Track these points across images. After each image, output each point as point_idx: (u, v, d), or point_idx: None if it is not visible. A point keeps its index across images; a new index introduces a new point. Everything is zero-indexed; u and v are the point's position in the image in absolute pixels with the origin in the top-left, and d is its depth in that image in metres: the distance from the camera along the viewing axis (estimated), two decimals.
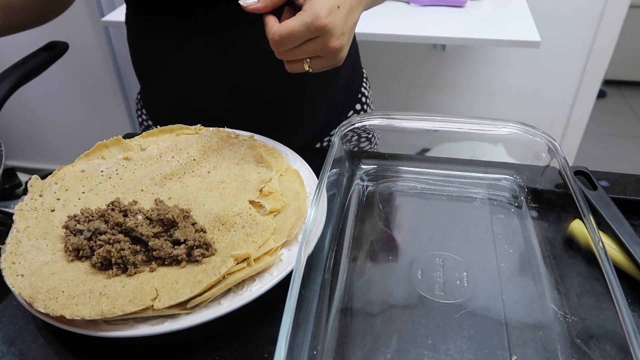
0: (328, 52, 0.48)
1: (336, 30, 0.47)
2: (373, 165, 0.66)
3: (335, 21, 0.47)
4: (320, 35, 0.47)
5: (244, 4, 0.49)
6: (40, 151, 2.25)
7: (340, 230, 0.55)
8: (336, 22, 0.47)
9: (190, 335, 0.43)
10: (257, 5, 0.48)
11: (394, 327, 0.44)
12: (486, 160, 0.63)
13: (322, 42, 0.47)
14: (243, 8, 0.49)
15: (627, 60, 2.65)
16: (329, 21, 0.46)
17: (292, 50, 0.48)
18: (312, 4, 0.46)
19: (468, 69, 1.70)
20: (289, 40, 0.47)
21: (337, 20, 0.47)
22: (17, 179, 0.65)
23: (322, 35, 0.47)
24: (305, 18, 0.46)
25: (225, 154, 0.60)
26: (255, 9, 0.49)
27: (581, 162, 1.29)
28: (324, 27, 0.46)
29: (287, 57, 0.49)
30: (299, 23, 0.46)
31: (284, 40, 0.47)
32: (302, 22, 0.46)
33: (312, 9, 0.46)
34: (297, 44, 0.47)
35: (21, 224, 0.50)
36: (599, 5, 1.51)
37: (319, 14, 0.45)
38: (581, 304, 0.45)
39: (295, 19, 0.46)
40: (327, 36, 0.47)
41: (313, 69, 0.50)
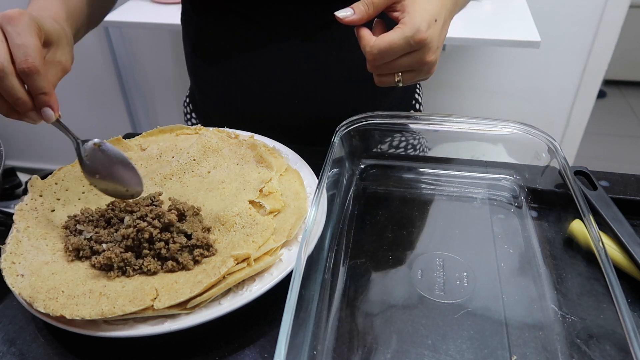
0: (423, 66, 0.48)
1: (433, 44, 0.47)
2: (373, 165, 0.65)
3: (433, 35, 0.46)
4: (418, 49, 0.46)
5: (340, 15, 0.48)
6: (40, 151, 2.25)
7: (340, 230, 0.55)
8: (434, 36, 0.46)
9: (190, 335, 0.43)
10: (353, 17, 0.48)
11: (394, 327, 0.44)
12: (486, 160, 0.63)
13: (419, 56, 0.47)
14: (339, 20, 0.48)
15: (627, 60, 2.65)
16: (429, 35, 0.45)
17: (388, 64, 0.47)
18: (412, 17, 0.45)
19: (468, 69, 1.70)
20: (388, 53, 0.46)
21: (434, 34, 0.46)
22: (17, 179, 0.65)
23: (420, 50, 0.46)
24: (406, 32, 0.45)
25: (225, 154, 0.60)
26: (351, 21, 0.48)
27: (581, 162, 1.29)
28: (423, 40, 0.45)
29: (381, 70, 0.49)
30: (400, 37, 0.45)
31: (382, 54, 0.46)
32: (403, 36, 0.45)
33: (412, 22, 0.45)
34: (394, 58, 0.47)
35: (21, 224, 0.50)
36: (599, 5, 1.51)
37: (420, 28, 0.45)
38: (581, 304, 0.45)
39: (395, 33, 0.45)
40: (424, 50, 0.46)
41: (403, 83, 0.50)
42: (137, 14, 1.41)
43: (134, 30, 1.79)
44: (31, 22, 0.43)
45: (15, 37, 0.42)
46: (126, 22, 1.37)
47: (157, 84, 1.95)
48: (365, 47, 0.47)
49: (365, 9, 0.48)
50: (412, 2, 0.47)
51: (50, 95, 0.44)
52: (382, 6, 0.48)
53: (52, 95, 0.45)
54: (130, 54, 1.85)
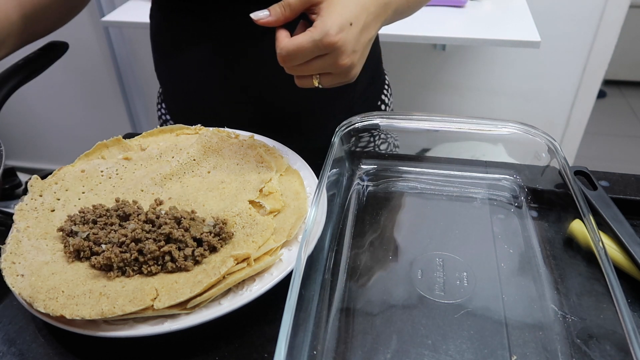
0: (338, 69, 0.47)
1: (347, 48, 0.46)
2: (373, 165, 0.65)
3: (346, 39, 0.45)
4: (329, 52, 0.46)
5: (255, 17, 0.48)
6: (40, 151, 2.25)
7: (340, 230, 0.55)
8: (347, 39, 0.46)
9: (190, 335, 0.43)
10: (268, 18, 0.48)
11: (394, 327, 0.44)
12: (486, 160, 0.63)
13: (332, 59, 0.46)
14: (254, 21, 0.48)
15: (627, 60, 2.65)
16: (339, 39, 0.45)
17: (301, 66, 0.47)
18: (323, 20, 0.45)
19: (468, 69, 1.70)
20: (297, 56, 0.46)
21: (348, 37, 0.46)
22: (17, 179, 0.65)
23: (331, 53, 0.46)
24: (314, 35, 0.45)
25: (225, 154, 0.60)
26: (266, 22, 0.48)
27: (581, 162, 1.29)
28: (332, 44, 0.45)
29: (295, 72, 0.48)
30: (307, 40, 0.45)
31: (291, 56, 0.46)
32: (311, 39, 0.45)
33: (322, 25, 0.45)
34: (306, 60, 0.46)
35: (21, 224, 0.50)
36: (599, 5, 1.51)
37: (329, 32, 0.44)
38: (581, 304, 0.45)
39: (304, 35, 0.45)
40: (336, 54, 0.46)
41: (323, 85, 0.50)
42: (137, 14, 1.41)
43: (134, 30, 1.79)
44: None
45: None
46: (126, 22, 1.37)
47: (157, 84, 1.94)
48: (277, 48, 0.47)
49: (281, 10, 0.47)
50: (327, 6, 0.46)
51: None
52: (300, 9, 0.47)
53: None
54: (130, 54, 1.85)
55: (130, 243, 0.45)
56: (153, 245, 0.45)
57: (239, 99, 0.71)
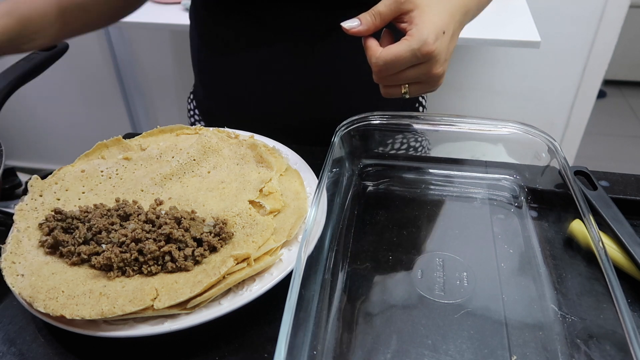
0: (430, 78, 0.47)
1: (441, 57, 0.46)
2: (373, 165, 0.65)
3: (440, 47, 0.45)
4: (425, 61, 0.45)
5: (346, 26, 0.47)
6: (40, 151, 2.25)
7: (340, 230, 0.55)
8: (442, 48, 0.45)
9: (190, 335, 0.43)
10: (359, 28, 0.47)
11: (394, 327, 0.44)
12: (486, 160, 0.63)
13: (426, 68, 0.46)
14: (345, 30, 0.47)
15: (627, 60, 2.65)
16: (436, 47, 0.44)
17: (394, 76, 0.47)
18: (419, 29, 0.44)
19: (468, 69, 1.70)
20: (394, 65, 0.45)
21: (442, 46, 0.45)
22: (17, 179, 0.65)
23: (426, 62, 0.45)
24: (413, 44, 0.44)
25: (225, 154, 0.60)
26: (357, 31, 0.47)
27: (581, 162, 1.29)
28: (430, 53, 0.44)
29: (387, 82, 0.48)
30: (406, 49, 0.44)
31: (388, 66, 0.45)
32: (409, 48, 0.44)
33: (419, 34, 0.44)
34: (400, 70, 0.46)
35: (21, 224, 0.50)
36: (599, 5, 1.51)
37: (427, 40, 0.44)
38: (581, 304, 0.45)
39: (402, 45, 0.44)
40: (432, 63, 0.45)
41: (410, 94, 0.49)
42: (137, 14, 1.40)
43: (134, 30, 1.79)
44: None
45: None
46: (126, 22, 1.37)
47: (157, 84, 1.95)
48: (371, 59, 0.46)
49: (372, 19, 0.47)
50: (420, 14, 0.45)
51: None
52: (389, 17, 0.47)
53: None
54: (130, 54, 1.85)
55: (130, 243, 0.45)
56: (153, 245, 0.45)
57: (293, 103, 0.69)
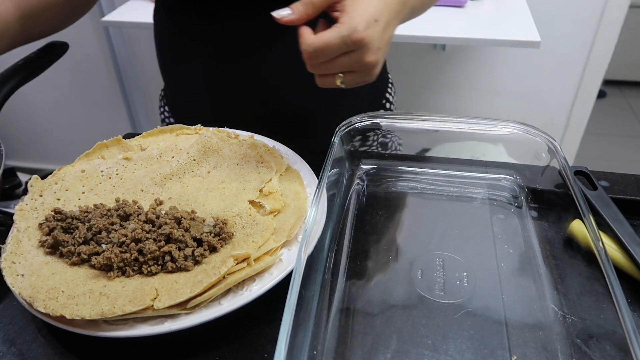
0: (363, 67, 0.47)
1: (373, 45, 0.45)
2: (373, 165, 0.66)
3: (372, 35, 0.45)
4: (356, 49, 0.45)
5: (277, 15, 0.47)
6: (40, 151, 2.25)
7: (340, 230, 0.55)
8: (373, 36, 0.45)
9: (190, 335, 0.43)
10: (291, 17, 0.47)
11: (394, 327, 0.44)
12: (486, 160, 0.63)
13: (358, 56, 0.46)
14: (276, 20, 0.47)
15: (627, 60, 2.65)
16: (366, 35, 0.44)
17: (326, 64, 0.46)
18: (350, 16, 0.44)
19: (468, 69, 1.70)
20: (324, 52, 0.45)
21: (374, 34, 0.45)
22: (17, 179, 0.65)
23: (358, 50, 0.45)
24: (342, 31, 0.44)
25: (225, 154, 0.60)
26: (289, 20, 0.47)
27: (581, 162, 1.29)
28: (360, 41, 0.44)
29: (319, 70, 0.48)
30: (335, 35, 0.44)
31: (318, 53, 0.45)
32: (339, 35, 0.44)
33: (349, 21, 0.44)
34: (332, 58, 0.46)
35: (21, 224, 0.50)
36: (599, 5, 1.51)
37: (357, 27, 0.44)
38: (581, 304, 0.45)
39: (332, 31, 0.44)
40: (363, 50, 0.45)
41: (346, 85, 0.49)
42: (137, 14, 1.41)
43: (134, 30, 1.79)
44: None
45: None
46: (126, 22, 1.37)
47: (157, 84, 1.94)
48: (302, 45, 0.46)
49: (304, 8, 0.47)
50: (352, 2, 0.46)
51: None
52: (322, 6, 0.47)
53: None
54: (130, 54, 1.85)
55: (130, 243, 0.45)
56: (153, 245, 0.45)
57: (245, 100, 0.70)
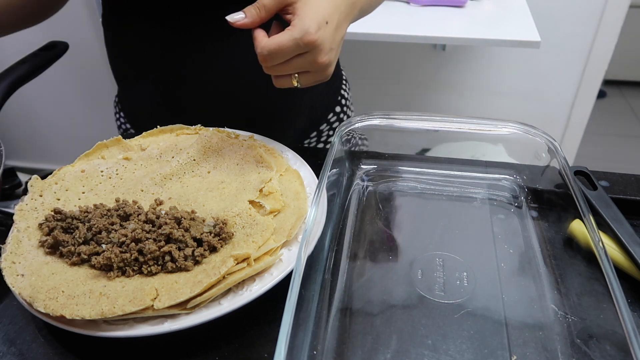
0: (317, 67, 0.48)
1: (325, 46, 0.47)
2: (373, 165, 0.66)
3: (324, 37, 0.47)
4: (309, 50, 0.46)
5: (231, 19, 0.48)
6: (40, 151, 2.25)
7: (340, 230, 0.55)
8: (325, 37, 0.47)
9: (190, 335, 0.43)
10: (244, 20, 0.48)
11: (394, 327, 0.44)
12: (486, 160, 0.63)
13: (311, 57, 0.47)
14: (230, 23, 0.48)
15: (627, 60, 2.65)
16: (318, 37, 0.46)
17: (281, 66, 0.48)
18: (301, 19, 0.46)
19: (468, 69, 1.70)
20: (278, 55, 0.46)
21: (325, 36, 0.47)
22: (17, 179, 0.65)
23: (311, 51, 0.47)
24: (295, 33, 0.45)
25: (225, 154, 0.60)
26: (242, 24, 0.48)
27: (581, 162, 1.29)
28: (313, 42, 0.46)
29: (275, 72, 0.49)
30: (288, 38, 0.45)
31: (272, 55, 0.46)
32: (291, 38, 0.45)
33: (301, 24, 0.45)
34: (286, 59, 0.47)
35: (21, 224, 0.50)
36: (599, 5, 1.51)
37: (308, 30, 0.45)
38: (581, 304, 0.45)
39: (284, 34, 0.46)
40: (316, 52, 0.47)
41: (301, 84, 0.50)
42: None
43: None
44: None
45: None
46: None
47: None
48: (256, 48, 0.47)
49: (256, 12, 0.48)
50: (303, 5, 0.47)
51: None
52: (274, 9, 0.48)
53: None
54: None
55: (130, 243, 0.45)
56: (153, 245, 0.45)
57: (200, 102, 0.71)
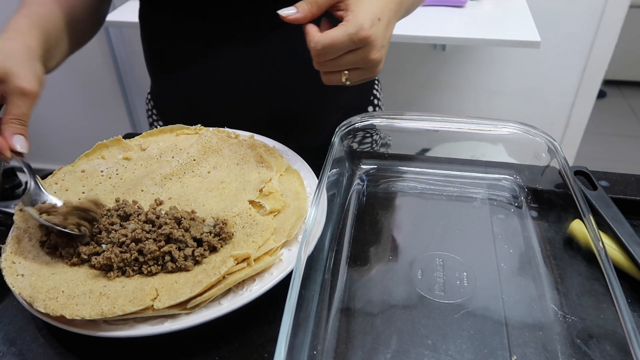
0: (368, 64, 0.48)
1: (377, 42, 0.47)
2: (373, 165, 0.66)
3: (377, 33, 0.47)
4: (362, 46, 0.47)
5: (283, 13, 0.48)
6: (40, 151, 2.25)
7: (340, 230, 0.55)
8: (378, 34, 0.47)
9: (190, 335, 0.43)
10: (296, 15, 0.48)
11: (394, 327, 0.44)
12: (486, 160, 0.63)
13: (364, 54, 0.47)
14: (282, 18, 0.48)
15: (627, 60, 2.65)
16: (372, 33, 0.46)
17: (332, 61, 0.48)
18: (355, 15, 0.46)
19: (468, 69, 1.70)
20: (331, 50, 0.46)
21: (378, 32, 0.47)
22: (17, 179, 0.65)
23: (363, 47, 0.47)
24: (349, 29, 0.45)
25: (225, 154, 0.60)
26: (294, 19, 0.48)
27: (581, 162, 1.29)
28: (366, 38, 0.46)
29: (326, 67, 0.49)
30: (342, 33, 0.45)
31: (326, 50, 0.46)
32: (346, 33, 0.45)
33: (355, 20, 0.46)
34: (338, 55, 0.47)
35: (21, 224, 0.50)
36: (599, 5, 1.51)
37: (363, 25, 0.45)
38: (581, 304, 0.45)
39: (338, 29, 0.46)
40: (368, 48, 0.47)
41: (350, 81, 0.50)
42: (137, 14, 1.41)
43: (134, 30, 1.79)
44: None
45: None
46: (126, 22, 1.37)
47: None
48: (309, 43, 0.47)
49: (308, 7, 0.48)
50: (355, 2, 0.47)
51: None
52: (326, 5, 0.48)
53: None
54: (130, 54, 1.85)
55: (130, 243, 0.45)
56: (153, 245, 0.45)
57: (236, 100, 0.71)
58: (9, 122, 0.47)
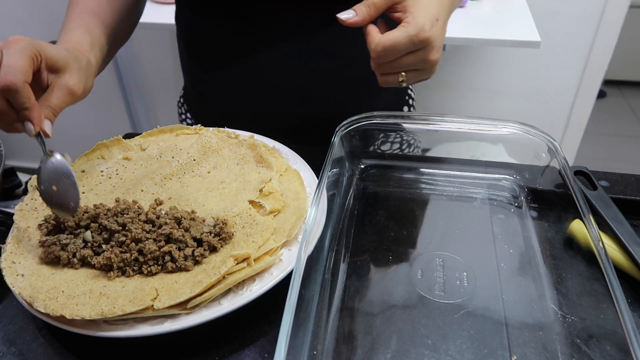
0: (427, 65, 0.49)
1: (437, 43, 0.48)
2: (373, 165, 0.65)
3: (436, 34, 0.47)
4: (422, 48, 0.47)
5: (342, 17, 0.49)
6: (40, 151, 2.25)
7: (340, 230, 0.55)
8: (437, 35, 0.47)
9: (190, 335, 0.43)
10: (355, 18, 0.48)
11: (394, 327, 0.44)
12: (486, 160, 0.63)
13: (423, 55, 0.47)
14: (341, 22, 0.49)
15: (627, 60, 2.65)
16: (432, 34, 0.46)
17: (392, 63, 0.48)
18: (415, 17, 0.46)
19: (468, 69, 1.70)
20: (392, 51, 0.47)
21: (437, 33, 0.47)
22: (17, 179, 0.65)
23: (423, 48, 0.47)
24: (410, 30, 0.46)
25: (225, 154, 0.60)
26: (353, 22, 0.48)
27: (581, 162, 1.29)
28: (427, 39, 0.46)
29: (385, 69, 0.49)
30: (403, 35, 0.46)
31: (386, 52, 0.47)
32: (407, 34, 0.46)
33: (415, 21, 0.46)
34: (398, 56, 0.47)
35: (21, 224, 0.50)
36: (599, 5, 1.51)
37: (423, 27, 0.46)
38: (581, 304, 0.45)
39: (399, 31, 0.46)
40: (428, 49, 0.47)
41: (407, 82, 0.50)
42: None
43: (134, 31, 1.79)
44: (27, 46, 0.46)
45: (6, 58, 0.45)
46: None
47: (157, 84, 1.95)
48: (370, 44, 0.47)
49: (366, 10, 0.48)
50: (413, 3, 0.47)
51: (31, 111, 0.46)
52: (384, 7, 0.48)
53: (34, 110, 0.46)
54: (130, 54, 1.85)
55: (130, 243, 0.45)
56: (153, 245, 0.45)
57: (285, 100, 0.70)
58: (45, 106, 0.48)
